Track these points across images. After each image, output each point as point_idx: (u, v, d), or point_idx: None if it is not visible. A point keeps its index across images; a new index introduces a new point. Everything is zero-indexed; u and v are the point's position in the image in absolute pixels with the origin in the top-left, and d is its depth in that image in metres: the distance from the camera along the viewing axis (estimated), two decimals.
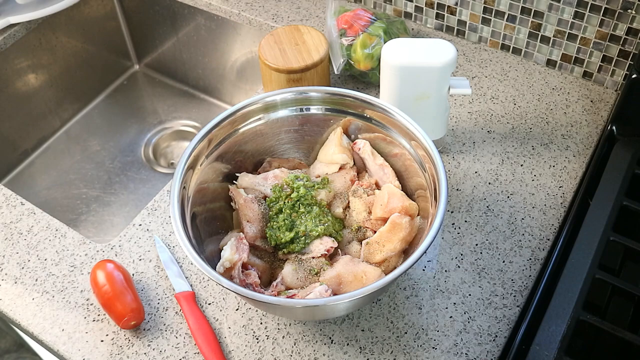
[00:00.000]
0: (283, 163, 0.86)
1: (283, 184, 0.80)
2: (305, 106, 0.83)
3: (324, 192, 0.80)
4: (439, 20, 1.12)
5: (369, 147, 0.83)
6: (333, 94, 0.82)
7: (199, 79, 1.39)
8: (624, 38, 0.96)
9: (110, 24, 1.39)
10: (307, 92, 0.82)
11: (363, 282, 0.72)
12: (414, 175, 0.79)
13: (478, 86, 1.04)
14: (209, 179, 0.79)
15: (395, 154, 0.81)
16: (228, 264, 0.73)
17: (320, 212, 0.78)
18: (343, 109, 0.82)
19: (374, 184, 0.82)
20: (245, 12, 1.19)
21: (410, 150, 0.78)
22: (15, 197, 0.92)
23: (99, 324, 0.78)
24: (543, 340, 0.69)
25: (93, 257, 0.84)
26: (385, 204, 0.76)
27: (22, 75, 1.24)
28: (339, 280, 0.72)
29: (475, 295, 0.78)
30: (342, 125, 0.84)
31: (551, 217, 0.86)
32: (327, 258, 0.76)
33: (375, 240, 0.75)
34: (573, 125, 0.97)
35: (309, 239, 0.76)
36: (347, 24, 1.02)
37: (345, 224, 0.81)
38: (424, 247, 0.66)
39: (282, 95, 0.82)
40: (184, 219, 0.71)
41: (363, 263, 0.74)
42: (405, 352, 0.74)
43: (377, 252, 0.74)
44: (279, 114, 0.83)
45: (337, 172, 0.83)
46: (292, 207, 0.78)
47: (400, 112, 0.78)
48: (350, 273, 0.72)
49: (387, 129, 0.80)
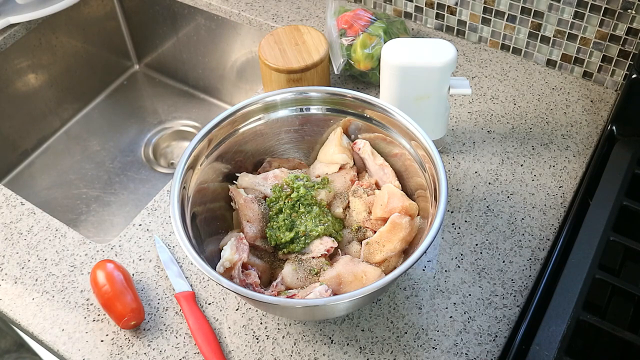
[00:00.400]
0: (283, 163, 0.86)
1: (283, 184, 0.80)
2: (305, 106, 0.83)
3: (324, 192, 0.80)
4: (439, 20, 1.12)
5: (369, 147, 0.83)
6: (333, 94, 0.82)
7: (199, 79, 1.39)
8: (624, 38, 0.96)
9: (110, 24, 1.39)
10: (307, 92, 0.82)
11: (363, 282, 0.72)
12: (414, 175, 0.79)
13: (478, 86, 1.04)
14: (209, 179, 0.79)
15: (395, 154, 0.81)
16: (228, 264, 0.73)
17: (320, 212, 0.78)
18: (343, 109, 0.82)
19: (374, 184, 0.82)
20: (245, 12, 1.19)
21: (410, 150, 0.78)
22: (15, 197, 0.92)
23: (99, 324, 0.78)
24: (543, 340, 0.69)
25: (93, 257, 0.84)
26: (385, 204, 0.76)
27: (22, 75, 1.24)
28: (339, 280, 0.72)
29: (475, 295, 0.78)
30: (342, 125, 0.84)
31: (551, 217, 0.86)
32: (327, 258, 0.76)
33: (375, 240, 0.75)
34: (573, 125, 0.97)
35: (309, 239, 0.76)
36: (347, 24, 1.02)
37: (345, 224, 0.81)
38: (424, 247, 0.66)
39: (282, 95, 0.82)
40: (184, 219, 0.71)
41: (363, 263, 0.74)
42: (405, 352, 0.74)
43: (377, 252, 0.74)
44: (279, 114, 0.83)
45: (337, 172, 0.83)
46: (292, 207, 0.78)
47: (400, 112, 0.78)
48: (350, 273, 0.72)
49: (387, 129, 0.80)
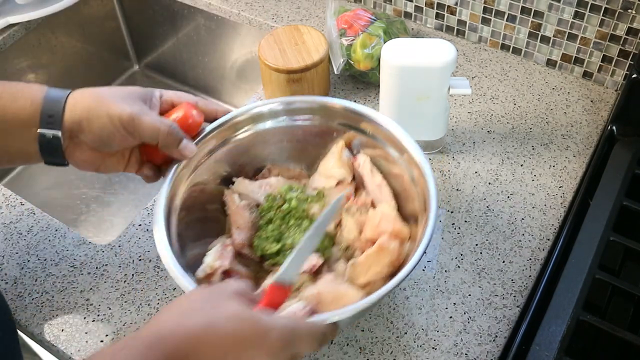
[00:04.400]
0: (283, 172, 0.84)
1: (277, 194, 0.78)
2: (308, 115, 0.81)
3: (317, 207, 0.77)
4: (439, 20, 1.12)
5: (369, 164, 0.80)
6: (334, 107, 0.79)
7: (199, 79, 1.39)
8: (624, 38, 0.96)
9: (110, 24, 1.39)
10: (310, 102, 0.80)
11: (341, 304, 0.68)
12: (410, 199, 0.75)
13: (478, 86, 1.04)
14: (207, 179, 0.78)
15: (395, 174, 0.78)
16: (209, 270, 0.71)
17: (310, 227, 0.75)
18: (345, 122, 0.80)
19: (370, 203, 0.79)
20: (245, 12, 1.19)
21: (403, 165, 0.75)
22: (15, 197, 0.92)
23: (99, 324, 0.78)
24: (543, 341, 0.69)
25: (93, 257, 0.84)
26: (376, 225, 0.73)
27: (21, 75, 1.24)
28: (319, 299, 0.69)
29: (475, 296, 0.78)
30: (346, 139, 0.81)
31: (551, 217, 0.86)
32: (312, 274, 0.73)
33: (361, 262, 0.71)
34: (573, 125, 0.97)
35: None
36: (347, 24, 1.02)
37: (335, 241, 0.78)
38: (401, 277, 0.63)
39: (284, 104, 0.80)
40: (168, 218, 0.70)
41: (345, 284, 0.71)
42: (405, 353, 0.74)
43: (361, 274, 0.71)
44: (281, 122, 0.81)
45: (335, 186, 0.80)
46: (283, 218, 0.76)
47: (393, 123, 0.75)
48: (330, 293, 0.69)
49: (384, 144, 0.78)
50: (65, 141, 0.66)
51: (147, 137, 0.68)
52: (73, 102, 0.66)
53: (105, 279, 0.81)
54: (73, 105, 0.66)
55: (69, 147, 0.67)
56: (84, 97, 0.66)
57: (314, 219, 0.76)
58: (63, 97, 0.66)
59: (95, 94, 0.67)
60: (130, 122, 0.66)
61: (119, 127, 0.66)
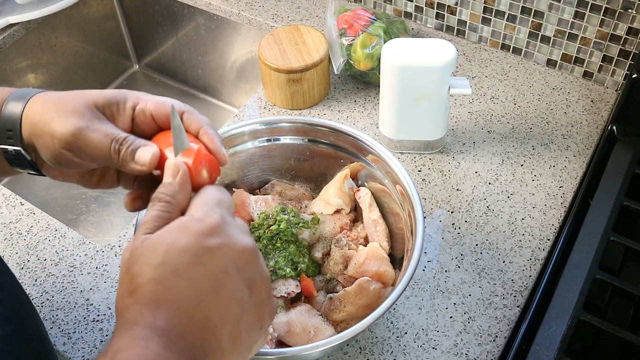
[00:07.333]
0: (286, 189, 0.83)
1: (270, 212, 0.77)
2: (315, 138, 0.80)
3: (308, 233, 0.76)
4: (439, 20, 1.12)
5: (370, 198, 0.79)
6: (340, 132, 0.79)
7: (199, 79, 1.39)
8: (624, 38, 0.96)
9: (110, 24, 1.39)
10: (320, 125, 0.79)
11: (309, 339, 0.68)
12: (406, 240, 0.73)
13: (478, 86, 1.04)
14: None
15: (395, 212, 0.76)
16: None
17: (296, 252, 0.74)
18: (349, 149, 0.79)
19: (364, 237, 0.78)
20: (245, 12, 1.19)
21: (396, 195, 0.74)
22: (14, 197, 0.91)
23: (99, 324, 0.77)
24: (543, 341, 0.69)
25: (93, 257, 0.84)
26: (360, 263, 0.72)
27: (21, 75, 1.24)
28: (288, 328, 0.68)
29: (475, 296, 0.78)
30: (352, 169, 0.80)
31: (551, 217, 0.86)
32: (288, 301, 0.73)
33: (338, 298, 0.71)
34: (573, 125, 0.97)
35: (274, 275, 0.72)
36: (347, 23, 1.02)
37: (321, 271, 0.77)
38: (364, 323, 0.62)
39: (292, 122, 0.80)
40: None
41: (318, 318, 0.70)
42: (405, 353, 0.74)
43: (337, 311, 0.71)
44: (287, 140, 0.81)
45: (332, 214, 0.79)
46: (270, 239, 0.74)
47: (399, 164, 0.74)
48: (300, 324, 0.68)
49: (386, 182, 0.77)
50: (31, 154, 0.56)
51: (96, 158, 0.53)
52: (25, 116, 0.54)
53: (105, 279, 0.81)
54: (25, 119, 0.54)
55: (38, 160, 0.57)
56: (34, 110, 0.54)
57: (303, 244, 0.76)
58: (20, 109, 0.54)
59: (44, 105, 0.54)
60: (73, 141, 0.52)
61: (59, 149, 0.52)
